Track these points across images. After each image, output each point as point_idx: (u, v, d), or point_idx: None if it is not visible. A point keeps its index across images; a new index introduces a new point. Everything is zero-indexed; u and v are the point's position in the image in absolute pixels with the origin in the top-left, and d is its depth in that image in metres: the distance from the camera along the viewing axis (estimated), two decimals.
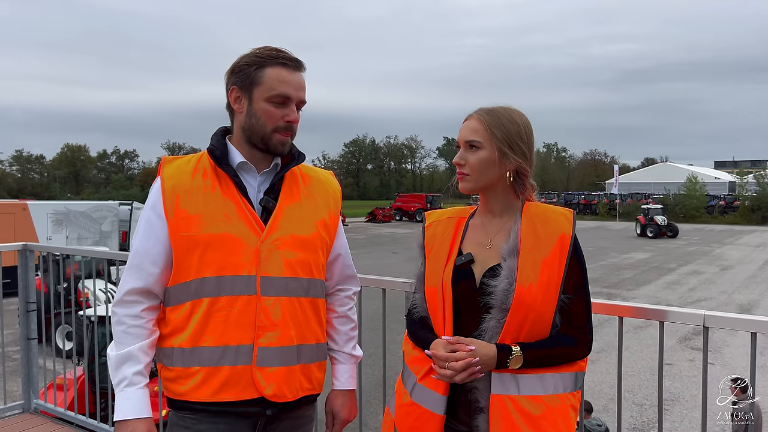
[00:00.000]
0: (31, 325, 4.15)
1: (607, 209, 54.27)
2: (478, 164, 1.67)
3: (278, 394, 1.70)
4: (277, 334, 1.70)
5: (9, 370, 6.04)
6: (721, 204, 53.19)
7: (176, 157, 1.80)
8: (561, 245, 1.63)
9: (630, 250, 29.13)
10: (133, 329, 1.70)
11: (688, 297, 17.28)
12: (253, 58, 1.72)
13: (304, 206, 1.81)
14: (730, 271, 22.28)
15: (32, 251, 4.12)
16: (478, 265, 1.68)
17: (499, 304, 1.58)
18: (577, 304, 1.65)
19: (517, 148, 1.68)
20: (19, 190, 76.15)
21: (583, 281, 1.66)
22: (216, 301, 1.67)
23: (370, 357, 3.45)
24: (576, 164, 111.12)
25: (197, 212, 1.69)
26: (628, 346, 12.17)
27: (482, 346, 1.56)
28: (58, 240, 19.13)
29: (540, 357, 1.58)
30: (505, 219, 1.72)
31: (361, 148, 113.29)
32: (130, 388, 1.67)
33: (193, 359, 1.67)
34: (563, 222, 1.67)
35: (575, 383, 1.64)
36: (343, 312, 1.99)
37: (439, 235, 1.78)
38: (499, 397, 1.58)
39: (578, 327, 1.65)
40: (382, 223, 49.98)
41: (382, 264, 22.82)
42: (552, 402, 1.58)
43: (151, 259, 1.71)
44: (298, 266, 1.75)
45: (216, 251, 1.67)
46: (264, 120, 1.71)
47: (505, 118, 1.69)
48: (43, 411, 4.16)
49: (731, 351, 11.95)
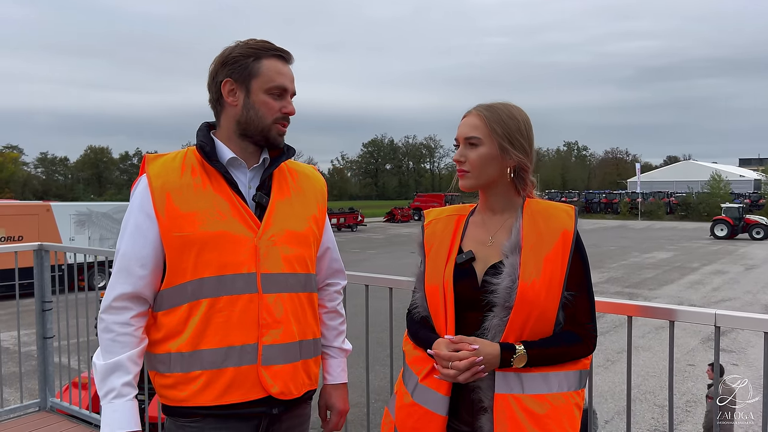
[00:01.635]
0: (47, 324, 4.20)
1: (628, 208, 53.60)
2: (478, 161, 1.65)
3: (285, 391, 1.69)
4: (281, 331, 1.68)
5: (33, 369, 6.11)
6: (746, 202, 52.22)
7: (160, 155, 1.75)
8: (563, 241, 1.60)
9: (652, 249, 28.73)
10: (122, 337, 1.63)
11: (712, 297, 16.98)
12: (248, 49, 1.69)
13: (295, 201, 1.79)
14: (756, 271, 21.85)
15: (48, 251, 4.17)
16: (479, 263, 1.66)
17: (502, 302, 1.56)
18: (580, 301, 1.62)
19: (518, 143, 1.66)
20: (44, 191, 77.47)
21: (586, 278, 1.64)
22: (216, 302, 1.63)
23: (385, 356, 3.43)
24: (597, 163, 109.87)
25: (190, 210, 1.64)
26: (650, 346, 12.00)
27: (486, 345, 1.54)
28: (81, 241, 19.40)
29: (544, 355, 1.56)
30: (506, 216, 1.70)
31: (380, 148, 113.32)
32: (118, 400, 1.60)
33: (194, 363, 1.62)
34: (565, 218, 1.64)
35: (579, 381, 1.62)
36: (333, 307, 1.99)
37: (438, 234, 1.76)
38: (503, 397, 1.55)
39: (582, 324, 1.62)
40: (400, 223, 49.93)
41: (401, 263, 22.77)
42: (557, 401, 1.56)
43: (139, 262, 1.64)
44: (295, 261, 1.74)
45: (213, 250, 1.63)
46: (263, 112, 1.69)
47: (505, 113, 1.67)
48: (59, 410, 4.21)
49: (756, 352, 11.70)
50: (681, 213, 52.55)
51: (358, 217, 42.80)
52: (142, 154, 32.46)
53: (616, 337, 12.47)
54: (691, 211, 51.74)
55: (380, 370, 7.70)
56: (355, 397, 1.74)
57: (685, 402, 9.43)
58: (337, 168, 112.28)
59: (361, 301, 2.67)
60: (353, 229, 41.77)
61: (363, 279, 2.65)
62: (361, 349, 2.78)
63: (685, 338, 12.35)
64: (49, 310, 4.19)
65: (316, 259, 1.87)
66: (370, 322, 2.71)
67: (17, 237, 17.61)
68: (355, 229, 42.03)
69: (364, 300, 2.73)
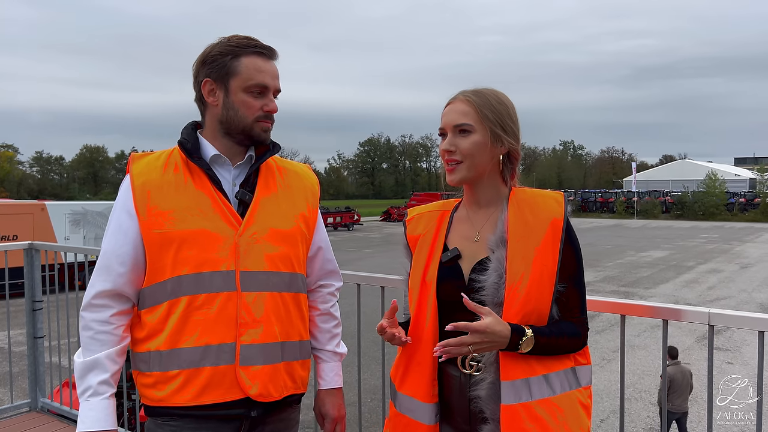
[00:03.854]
0: (38, 324, 4.16)
1: (624, 207, 53.69)
2: (471, 149, 1.53)
3: (264, 393, 1.64)
4: (260, 331, 1.63)
5: (25, 369, 6.07)
6: (741, 201, 52.36)
7: (145, 154, 1.73)
8: (553, 231, 1.50)
9: (648, 248, 28.77)
10: (100, 335, 1.61)
11: (707, 295, 17.01)
12: (227, 47, 1.65)
13: (281, 199, 1.75)
14: (751, 269, 21.90)
15: (38, 251, 4.13)
16: (465, 260, 1.57)
17: (491, 300, 1.48)
18: (571, 293, 1.53)
19: (509, 129, 1.57)
20: (39, 191, 77.28)
21: (578, 268, 1.54)
22: (194, 300, 1.60)
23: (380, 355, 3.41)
24: (593, 162, 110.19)
25: (170, 208, 1.62)
26: (646, 345, 12.01)
27: (497, 323, 1.41)
28: (76, 240, 19.34)
29: (550, 344, 1.46)
30: (491, 209, 1.60)
31: (376, 148, 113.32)
32: (94, 398, 1.59)
33: (172, 362, 1.60)
34: (554, 206, 1.54)
35: (577, 378, 1.53)
36: (326, 309, 1.92)
37: (421, 230, 1.68)
38: (512, 408, 1.44)
39: (575, 317, 1.53)
40: (397, 222, 49.91)
41: (398, 263, 22.61)
42: (562, 403, 1.47)
43: (119, 259, 1.62)
44: (279, 260, 1.69)
45: (192, 247, 1.60)
46: (243, 111, 1.66)
47: (494, 98, 1.57)
48: (52, 410, 4.17)
49: (751, 350, 11.72)
50: (677, 212, 52.65)
51: (354, 216, 42.79)
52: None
53: (611, 335, 12.48)
54: (687, 210, 51.85)
55: (377, 369, 7.67)
56: (350, 397, 1.73)
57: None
58: (334, 167, 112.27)
59: (353, 300, 2.64)
60: (349, 228, 41.75)
61: (355, 278, 2.62)
62: (355, 348, 2.75)
63: (681, 337, 12.36)
64: (40, 309, 4.15)
65: (306, 259, 1.83)
66: (366, 321, 2.68)
67: (12, 236, 17.55)
68: (352, 228, 42.01)
69: (356, 299, 2.71)
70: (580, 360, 1.55)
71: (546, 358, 1.49)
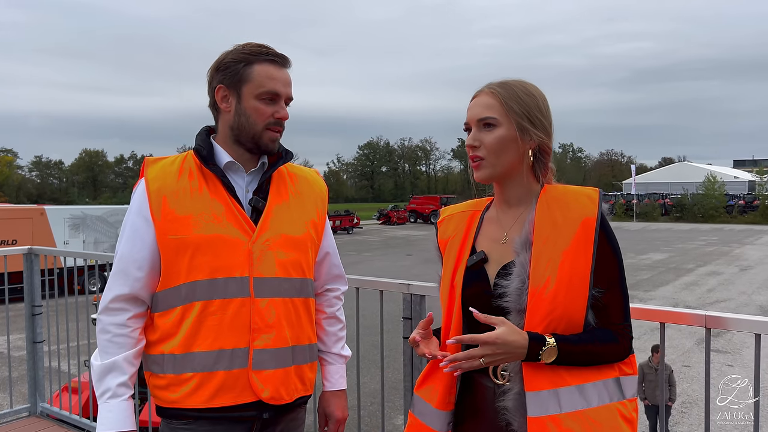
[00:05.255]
0: (37, 328, 4.17)
1: (624, 210, 53.73)
2: (495, 144, 1.44)
3: (275, 396, 1.68)
4: (273, 336, 1.68)
5: (25, 374, 6.07)
6: (740, 203, 52.42)
7: (159, 158, 1.77)
8: (584, 231, 1.40)
9: (648, 250, 28.79)
10: (118, 338, 1.65)
11: (707, 298, 17.01)
12: (240, 54, 1.69)
13: (293, 205, 1.78)
14: (750, 272, 21.91)
15: (37, 255, 4.14)
16: (492, 264, 1.49)
17: (515, 306, 1.39)
18: (611, 299, 1.41)
19: (538, 122, 1.47)
20: (38, 195, 77.23)
21: (619, 272, 1.43)
22: (208, 305, 1.64)
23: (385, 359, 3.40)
24: (592, 165, 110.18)
25: (186, 213, 1.65)
26: (645, 348, 11.96)
27: (510, 333, 1.31)
28: (75, 244, 19.34)
29: (576, 352, 1.35)
30: (521, 209, 1.51)
31: (376, 151, 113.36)
32: (113, 400, 1.63)
33: (186, 365, 1.64)
34: (587, 203, 1.43)
35: (621, 390, 1.40)
36: (332, 313, 1.97)
37: (450, 232, 1.60)
38: (539, 421, 1.34)
39: (615, 324, 1.42)
40: (396, 225, 49.95)
41: (397, 266, 22.75)
42: (598, 416, 1.35)
43: (136, 264, 1.66)
44: (290, 266, 1.73)
45: (206, 253, 1.64)
46: (254, 118, 1.69)
47: (521, 90, 1.48)
48: (51, 415, 4.17)
49: (751, 353, 11.72)
50: (676, 214, 52.71)
51: (353, 220, 42.84)
52: (137, 157, 32.49)
53: None
54: (686, 212, 51.91)
55: (376, 372, 7.67)
56: (350, 400, 1.74)
57: (681, 403, 9.44)
58: (333, 170, 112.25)
59: (352, 303, 2.66)
60: (349, 231, 41.80)
61: (354, 282, 2.63)
62: (354, 351, 2.76)
63: (681, 339, 12.37)
64: (39, 314, 4.16)
65: (314, 264, 1.86)
66: (365, 325, 2.69)
67: (11, 241, 17.55)
68: (351, 231, 42.04)
69: (355, 303, 2.72)
70: (626, 370, 1.43)
71: (580, 367, 1.39)
